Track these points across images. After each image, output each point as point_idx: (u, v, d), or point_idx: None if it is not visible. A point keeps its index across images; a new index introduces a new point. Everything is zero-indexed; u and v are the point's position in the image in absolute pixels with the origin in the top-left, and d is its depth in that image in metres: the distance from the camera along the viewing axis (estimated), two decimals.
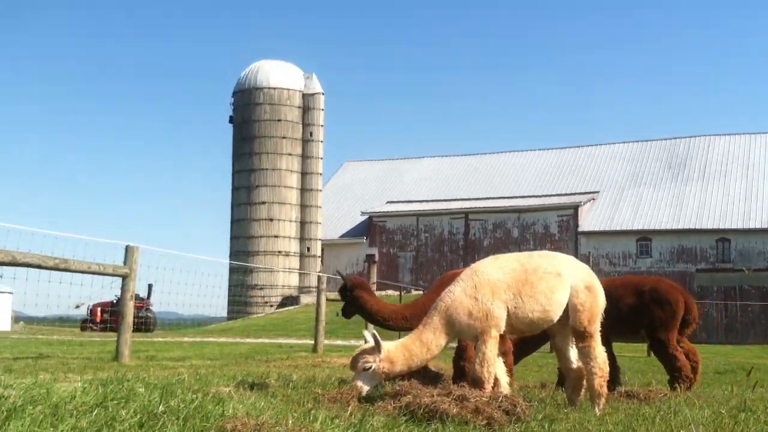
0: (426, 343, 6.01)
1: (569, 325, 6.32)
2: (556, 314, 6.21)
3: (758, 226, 44.46)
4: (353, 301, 7.46)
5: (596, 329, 6.33)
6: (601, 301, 6.42)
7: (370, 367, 5.90)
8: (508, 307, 6.04)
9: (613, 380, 8.21)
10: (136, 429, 3.69)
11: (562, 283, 6.20)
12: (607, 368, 6.32)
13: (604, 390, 6.28)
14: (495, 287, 6.02)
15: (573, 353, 6.49)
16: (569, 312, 6.25)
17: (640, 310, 8.21)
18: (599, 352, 6.29)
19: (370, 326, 9.34)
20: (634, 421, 5.41)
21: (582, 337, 6.28)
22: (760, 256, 44.24)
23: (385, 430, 4.43)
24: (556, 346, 6.68)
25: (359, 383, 5.90)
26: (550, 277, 6.16)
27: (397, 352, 5.98)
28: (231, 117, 51.46)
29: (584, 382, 6.46)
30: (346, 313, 7.65)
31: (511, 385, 7.43)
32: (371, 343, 5.97)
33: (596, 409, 6.13)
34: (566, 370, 6.67)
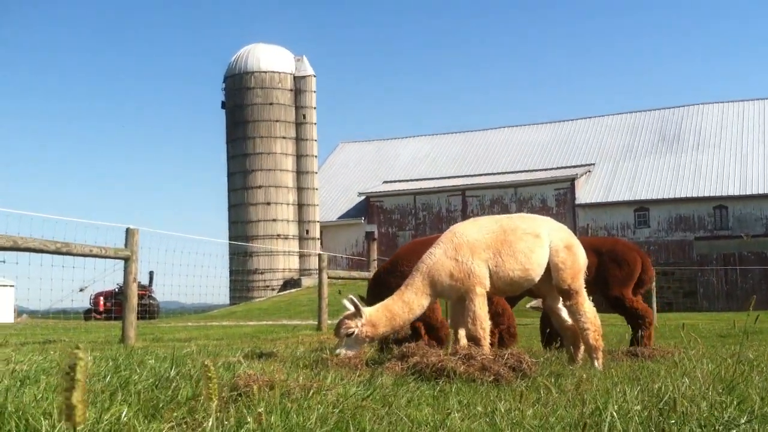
0: (408, 303, 6.09)
1: (554, 285, 6.41)
2: (536, 273, 6.31)
3: (755, 191, 44.54)
4: None
5: (581, 286, 6.43)
6: (582, 260, 6.53)
7: (353, 333, 5.95)
8: (489, 267, 6.12)
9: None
10: (151, 389, 3.74)
11: (541, 243, 6.30)
12: (599, 322, 6.42)
13: (600, 343, 6.37)
14: (474, 247, 6.12)
15: (565, 312, 6.59)
16: (552, 272, 6.35)
17: (598, 269, 8.34)
18: (588, 307, 6.39)
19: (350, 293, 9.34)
20: (639, 373, 5.48)
21: (568, 295, 6.39)
22: (757, 222, 44.35)
23: (394, 387, 4.48)
24: (548, 306, 6.80)
25: (343, 350, 5.94)
26: (529, 238, 6.27)
27: (378, 314, 6.04)
28: (223, 102, 51.28)
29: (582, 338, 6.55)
30: None
31: (513, 345, 7.52)
32: (351, 309, 6.02)
33: (596, 363, 6.21)
34: (562, 329, 6.78)
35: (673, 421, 3.37)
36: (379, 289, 7.68)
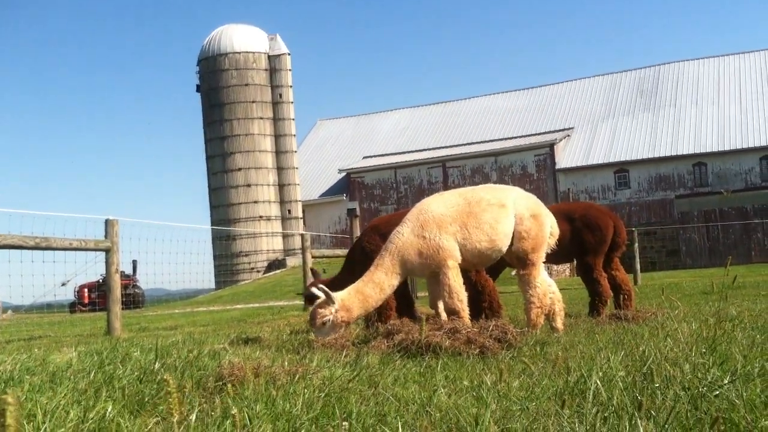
0: (379, 284, 6.08)
1: (513, 251, 6.42)
2: (503, 244, 6.32)
3: (733, 147, 44.82)
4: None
5: (539, 258, 6.43)
6: (546, 230, 6.52)
7: (329, 320, 5.92)
8: (457, 240, 6.13)
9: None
10: (136, 384, 3.72)
11: (506, 213, 6.31)
12: (547, 300, 6.42)
13: (540, 321, 6.39)
14: (440, 222, 6.13)
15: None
16: (513, 239, 6.36)
17: (571, 235, 8.38)
18: (540, 281, 6.39)
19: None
20: (623, 337, 5.52)
21: (524, 264, 6.40)
22: (737, 177, 44.67)
23: (380, 366, 4.49)
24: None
25: (321, 339, 5.89)
26: (494, 209, 6.27)
27: (351, 298, 6.02)
28: (198, 86, 50.84)
29: (557, 306, 6.57)
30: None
31: (500, 317, 7.55)
32: (322, 297, 5.97)
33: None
34: None
35: (656, 385, 3.40)
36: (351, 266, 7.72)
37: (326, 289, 5.97)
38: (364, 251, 7.63)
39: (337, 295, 5.98)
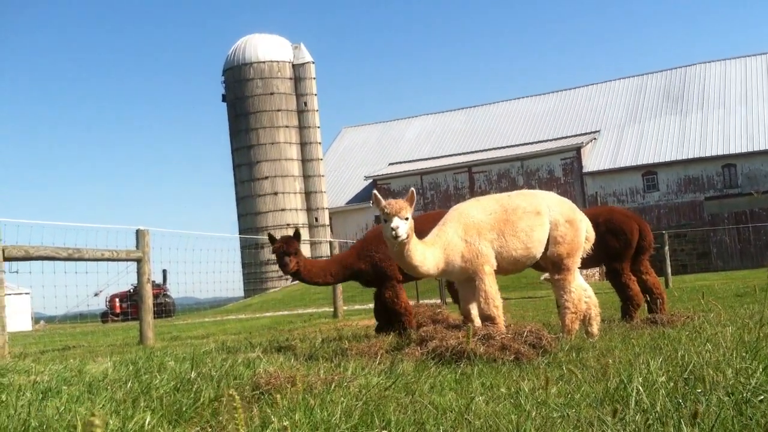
0: (435, 256, 5.94)
1: (548, 256, 6.36)
2: (537, 251, 6.29)
3: (762, 147, 44.23)
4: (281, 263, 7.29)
5: (574, 263, 6.37)
6: (582, 236, 6.45)
7: (408, 219, 5.73)
8: (494, 247, 6.08)
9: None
10: (173, 394, 3.73)
11: (541, 221, 6.27)
12: (582, 305, 6.35)
13: (575, 327, 6.31)
14: (480, 228, 6.08)
15: None
16: (549, 244, 6.30)
17: (596, 240, 8.28)
18: (575, 287, 6.32)
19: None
20: (660, 341, 5.45)
21: (558, 269, 6.34)
22: (767, 178, 44.09)
23: (415, 373, 4.46)
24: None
25: (397, 225, 5.66)
26: (530, 216, 6.23)
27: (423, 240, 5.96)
28: (223, 95, 51.18)
29: (593, 311, 6.50)
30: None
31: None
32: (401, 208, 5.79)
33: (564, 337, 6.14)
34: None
35: (699, 391, 3.34)
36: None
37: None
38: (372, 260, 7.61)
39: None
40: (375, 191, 6.00)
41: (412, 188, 5.97)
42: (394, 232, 5.61)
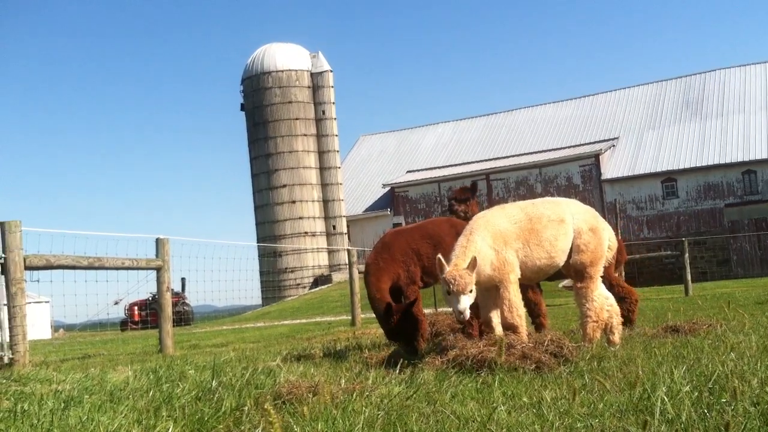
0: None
1: (571, 264, 6.31)
2: (561, 260, 6.27)
3: None
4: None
5: (597, 272, 6.33)
6: (605, 245, 6.42)
7: (472, 291, 5.60)
8: (518, 256, 6.05)
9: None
10: (194, 403, 3.73)
11: (565, 229, 6.24)
12: (604, 314, 6.30)
13: (596, 335, 6.26)
14: (506, 237, 6.05)
15: None
16: (572, 252, 6.27)
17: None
18: (597, 296, 6.28)
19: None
20: (683, 350, 5.40)
21: (581, 277, 6.30)
22: None
23: (436, 382, 4.44)
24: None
25: (465, 307, 5.52)
26: (554, 225, 6.21)
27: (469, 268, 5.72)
28: (242, 104, 51.40)
29: (615, 320, 6.45)
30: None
31: (546, 327, 7.48)
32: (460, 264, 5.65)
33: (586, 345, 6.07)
34: None
35: (724, 400, 3.30)
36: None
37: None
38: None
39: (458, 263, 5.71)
40: (440, 257, 5.76)
41: (474, 256, 5.70)
42: (461, 315, 5.55)
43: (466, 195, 7.52)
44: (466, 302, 5.53)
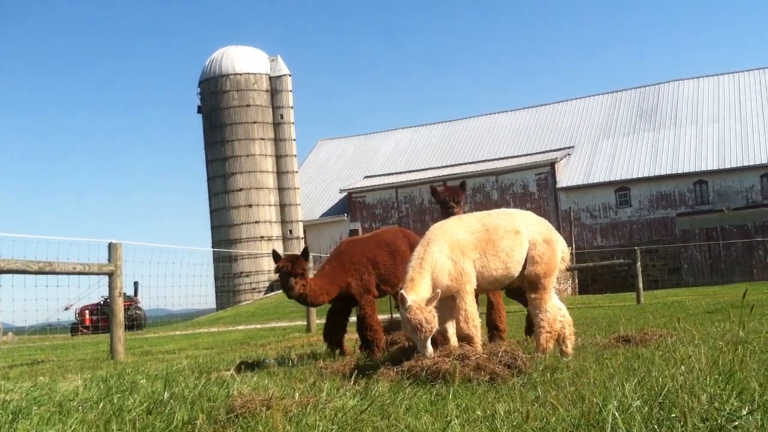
0: (428, 288, 5.85)
1: (524, 275, 6.38)
2: (516, 270, 6.34)
3: (733, 165, 44.80)
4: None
5: (550, 283, 6.41)
6: (559, 256, 6.50)
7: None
8: (475, 266, 6.10)
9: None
10: (145, 416, 3.67)
11: (520, 240, 6.31)
12: (557, 325, 6.37)
13: (549, 346, 6.32)
14: (464, 247, 6.09)
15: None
16: (526, 263, 6.34)
17: None
18: (550, 306, 6.36)
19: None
20: (634, 362, 5.47)
21: (535, 288, 6.38)
22: (738, 195, 44.62)
23: (390, 394, 4.44)
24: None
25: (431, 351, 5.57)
26: (510, 236, 6.27)
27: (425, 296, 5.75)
28: (199, 107, 50.93)
29: (567, 330, 6.51)
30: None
31: (504, 338, 7.53)
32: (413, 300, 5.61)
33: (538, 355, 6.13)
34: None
35: (674, 416, 3.35)
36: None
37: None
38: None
39: (414, 296, 5.65)
40: (402, 292, 5.68)
41: (439, 290, 5.70)
42: (426, 353, 5.56)
43: (461, 196, 7.48)
44: (431, 346, 5.60)
